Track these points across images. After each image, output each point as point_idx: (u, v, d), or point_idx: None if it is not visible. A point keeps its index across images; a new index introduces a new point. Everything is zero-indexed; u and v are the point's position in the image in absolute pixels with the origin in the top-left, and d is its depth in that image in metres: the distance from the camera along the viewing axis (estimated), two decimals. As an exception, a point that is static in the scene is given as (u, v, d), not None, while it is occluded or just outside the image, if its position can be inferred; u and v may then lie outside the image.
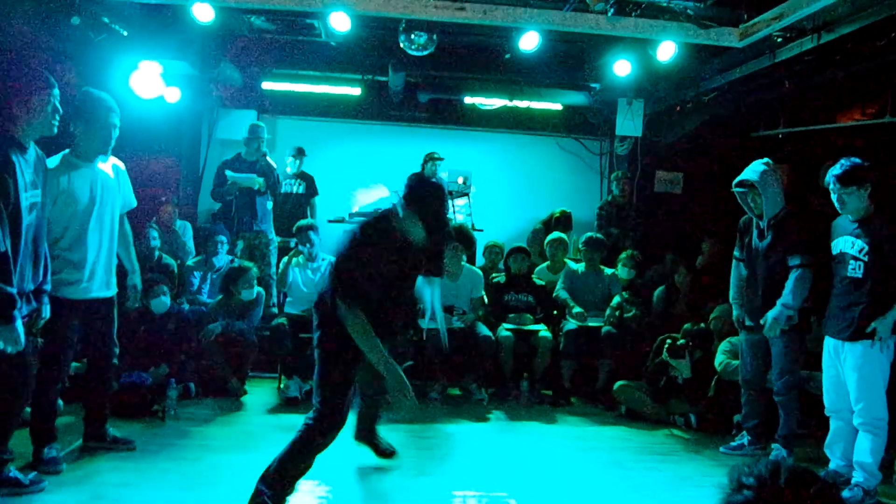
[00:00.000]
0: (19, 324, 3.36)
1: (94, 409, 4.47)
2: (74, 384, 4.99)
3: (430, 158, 7.95)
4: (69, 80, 6.48)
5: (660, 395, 5.82)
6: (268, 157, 7.29)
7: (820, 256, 4.67)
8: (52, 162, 4.01)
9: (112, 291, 4.36)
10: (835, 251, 4.51)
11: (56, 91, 3.65)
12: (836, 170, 4.33)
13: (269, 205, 7.35)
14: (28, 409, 4.24)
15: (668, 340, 5.83)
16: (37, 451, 4.08)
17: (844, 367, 4.35)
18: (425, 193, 3.49)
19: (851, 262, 4.38)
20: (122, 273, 4.54)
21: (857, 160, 4.31)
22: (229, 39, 7.36)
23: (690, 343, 5.78)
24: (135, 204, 4.53)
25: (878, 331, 4.20)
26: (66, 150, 4.15)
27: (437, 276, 4.06)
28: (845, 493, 4.22)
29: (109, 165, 4.30)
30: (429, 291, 4.12)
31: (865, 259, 4.31)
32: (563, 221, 8.02)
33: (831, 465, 4.48)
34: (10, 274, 3.32)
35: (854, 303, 4.34)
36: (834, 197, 4.38)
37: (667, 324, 6.44)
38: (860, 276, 4.33)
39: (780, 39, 5.54)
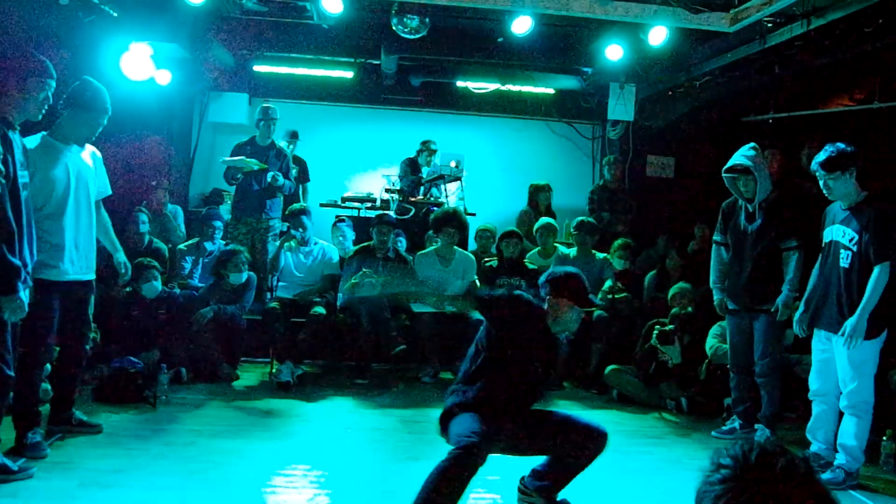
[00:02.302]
0: (24, 294, 3.40)
1: (64, 393, 4.42)
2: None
3: (426, 148, 7.94)
4: (58, 61, 6.40)
5: (650, 380, 5.86)
6: (280, 145, 7.11)
7: (810, 242, 4.69)
8: (31, 142, 4.00)
9: (90, 276, 4.33)
10: (826, 240, 4.49)
11: (53, 82, 3.67)
12: (820, 156, 4.33)
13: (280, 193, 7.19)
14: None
15: (657, 327, 5.86)
16: (20, 436, 4.03)
17: (836, 352, 4.35)
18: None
19: (843, 251, 4.36)
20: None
21: (842, 145, 4.30)
22: (220, 21, 7.29)
23: (679, 329, 5.81)
24: (110, 192, 4.51)
25: (847, 332, 4.20)
26: (45, 132, 4.12)
27: None
28: (827, 475, 4.28)
29: (88, 153, 4.30)
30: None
31: (854, 248, 4.30)
32: (545, 191, 8.02)
33: (812, 448, 4.53)
34: (14, 245, 3.35)
35: (841, 293, 4.33)
36: (821, 183, 4.38)
37: (658, 308, 6.47)
38: (847, 265, 4.32)
39: (770, 25, 5.55)
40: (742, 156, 4.88)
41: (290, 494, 3.79)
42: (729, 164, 4.93)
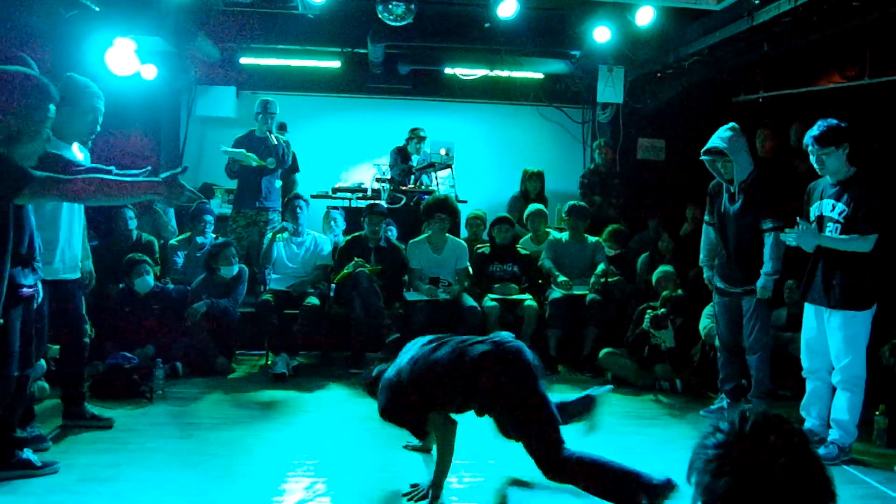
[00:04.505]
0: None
1: (71, 387, 4.46)
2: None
3: (415, 136, 7.92)
4: (42, 58, 6.35)
5: (644, 363, 5.88)
6: (274, 135, 6.99)
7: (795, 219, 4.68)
8: None
9: (78, 273, 4.39)
10: (813, 215, 4.49)
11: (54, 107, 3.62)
12: (813, 131, 4.33)
13: (278, 183, 7.12)
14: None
15: (649, 311, 5.86)
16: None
17: (828, 327, 4.37)
18: None
19: (830, 224, 4.37)
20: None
21: (834, 121, 4.31)
22: (205, 14, 7.23)
23: (671, 312, 5.81)
24: None
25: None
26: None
27: None
28: (821, 451, 4.29)
29: (81, 154, 4.33)
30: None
31: (842, 221, 4.31)
32: (536, 178, 8.00)
33: (806, 425, 4.55)
34: None
35: (833, 267, 4.33)
36: (813, 158, 4.38)
37: (651, 290, 6.48)
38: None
39: (757, 1, 5.52)
40: (718, 138, 4.87)
41: (288, 483, 3.80)
42: (706, 146, 4.93)
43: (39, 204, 3.98)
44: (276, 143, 6.91)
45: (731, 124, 4.94)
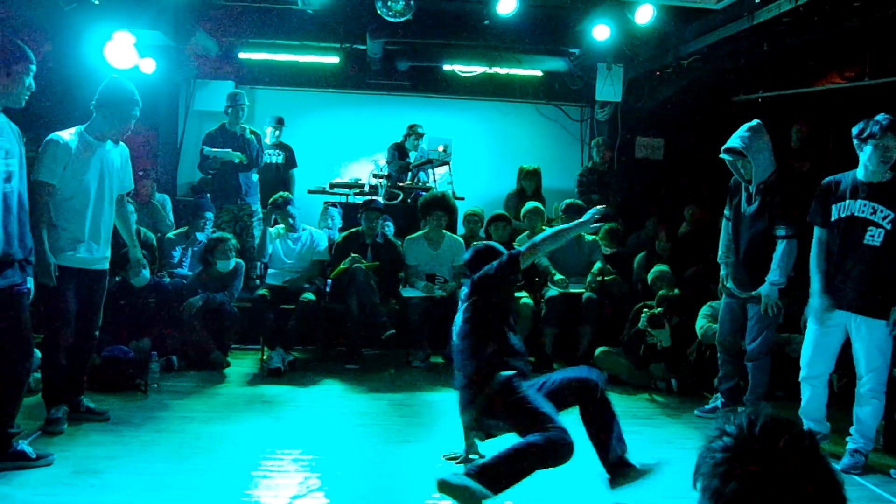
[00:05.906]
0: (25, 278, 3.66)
1: (73, 379, 4.47)
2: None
3: (413, 132, 7.91)
4: (42, 51, 6.35)
5: (640, 362, 5.88)
6: (249, 130, 7.02)
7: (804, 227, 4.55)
8: (69, 134, 4.20)
9: (105, 265, 4.49)
10: (836, 214, 4.27)
11: (34, 67, 3.70)
12: (880, 119, 4.07)
13: (255, 177, 7.15)
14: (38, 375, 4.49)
15: (646, 310, 5.86)
16: (47, 411, 4.27)
17: (856, 334, 4.22)
18: None
19: (872, 228, 4.13)
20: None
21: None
22: (204, 8, 7.23)
23: (668, 311, 5.81)
24: (132, 187, 4.77)
25: None
26: (82, 126, 4.30)
27: None
28: (848, 460, 4.22)
29: (117, 149, 4.49)
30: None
31: (888, 227, 4.08)
32: (532, 176, 7.98)
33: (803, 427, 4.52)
34: None
35: (870, 273, 4.15)
36: (877, 151, 4.06)
37: (647, 290, 6.48)
38: (878, 244, 4.12)
39: (758, 1, 5.51)
40: (737, 137, 4.72)
41: (281, 479, 3.80)
42: (726, 145, 4.77)
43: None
44: (249, 138, 6.94)
45: (753, 122, 4.76)
